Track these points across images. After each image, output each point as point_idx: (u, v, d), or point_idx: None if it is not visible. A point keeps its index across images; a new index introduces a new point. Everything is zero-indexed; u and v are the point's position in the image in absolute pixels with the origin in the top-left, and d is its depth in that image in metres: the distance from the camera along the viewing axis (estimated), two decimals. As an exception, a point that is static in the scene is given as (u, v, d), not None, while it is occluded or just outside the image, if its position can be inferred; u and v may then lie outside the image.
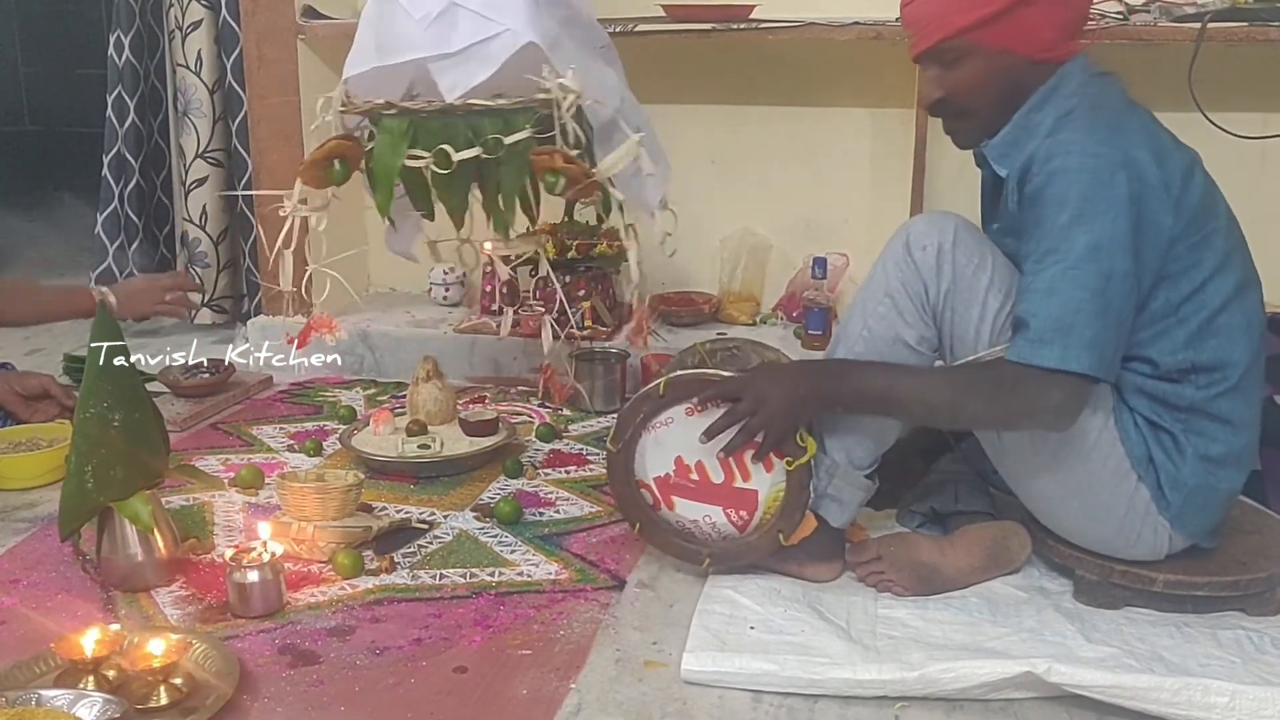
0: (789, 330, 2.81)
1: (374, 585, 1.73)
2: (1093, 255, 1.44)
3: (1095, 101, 1.54)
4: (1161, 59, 2.27)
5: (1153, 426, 1.57)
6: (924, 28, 1.58)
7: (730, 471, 1.68)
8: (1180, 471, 1.56)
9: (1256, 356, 1.57)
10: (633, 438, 1.71)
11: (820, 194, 2.90)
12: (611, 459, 1.74)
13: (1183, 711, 1.38)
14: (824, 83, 2.78)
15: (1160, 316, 1.52)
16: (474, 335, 2.74)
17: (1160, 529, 1.59)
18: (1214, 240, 1.52)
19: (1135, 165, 1.46)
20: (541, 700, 1.44)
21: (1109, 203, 1.44)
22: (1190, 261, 1.50)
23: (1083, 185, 1.45)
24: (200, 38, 3.01)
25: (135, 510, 1.68)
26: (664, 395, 1.68)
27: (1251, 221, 1.62)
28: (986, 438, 1.66)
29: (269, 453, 2.29)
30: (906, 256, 1.61)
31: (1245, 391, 1.57)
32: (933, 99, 1.62)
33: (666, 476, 1.71)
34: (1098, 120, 1.51)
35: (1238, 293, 1.54)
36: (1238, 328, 1.54)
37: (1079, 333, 1.43)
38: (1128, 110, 1.55)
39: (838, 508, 1.70)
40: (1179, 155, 1.53)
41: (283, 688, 1.47)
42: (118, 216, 3.15)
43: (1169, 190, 1.47)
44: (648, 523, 1.74)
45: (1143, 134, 1.51)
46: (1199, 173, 1.54)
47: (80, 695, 1.34)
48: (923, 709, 1.44)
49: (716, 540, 1.72)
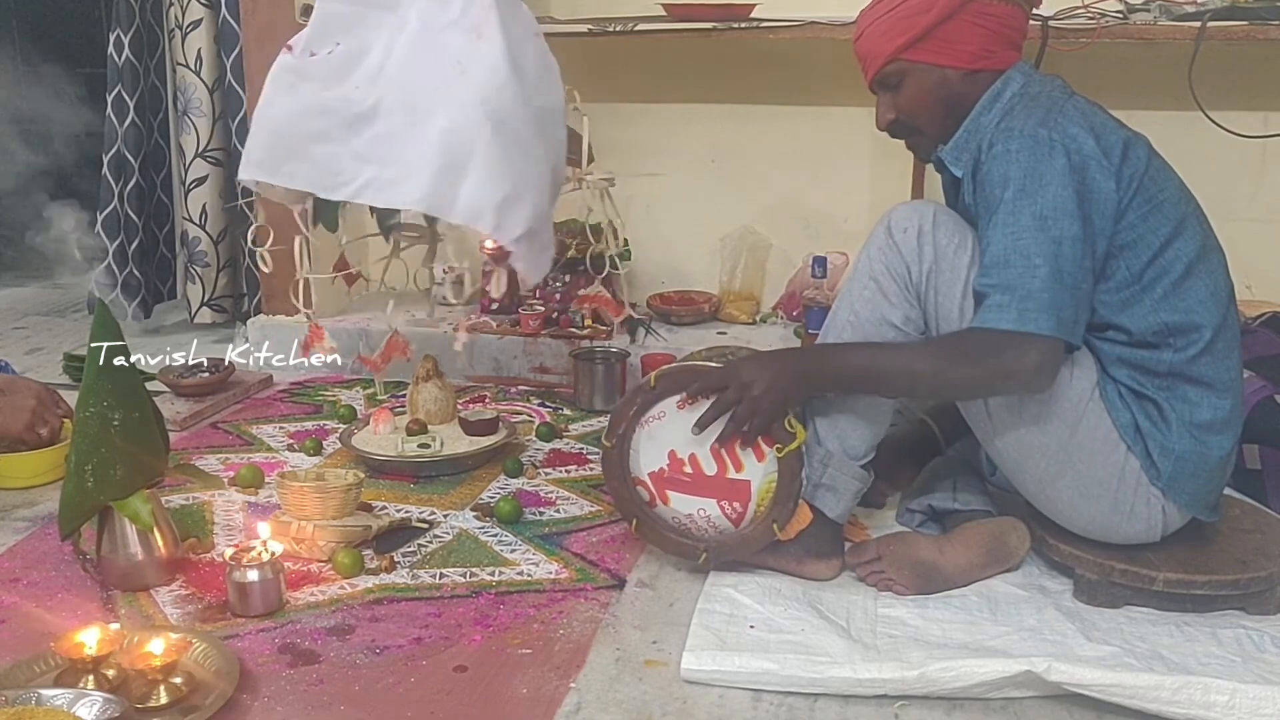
0: (789, 329, 2.81)
1: (374, 584, 1.73)
2: (1040, 224, 1.51)
3: (1033, 93, 1.64)
4: (1161, 58, 2.27)
5: (1136, 395, 1.60)
6: (867, 59, 1.72)
7: (723, 463, 1.69)
8: (1167, 439, 1.59)
9: (1225, 318, 1.61)
10: (626, 433, 1.72)
11: (820, 193, 2.90)
12: (606, 455, 1.75)
13: (1183, 710, 1.38)
14: (824, 82, 2.78)
15: (1125, 285, 1.58)
16: (474, 334, 2.74)
17: (1153, 500, 1.60)
18: (1165, 208, 1.58)
19: (1072, 140, 1.54)
20: (541, 699, 1.44)
21: (1050, 174, 1.52)
22: (1144, 230, 1.57)
23: (1024, 162, 1.54)
24: (200, 36, 3.01)
25: (135, 509, 1.68)
26: (655, 388, 1.69)
27: (1252, 220, 1.63)
28: (977, 421, 1.67)
29: (269, 452, 2.29)
30: (888, 239, 1.65)
31: (1221, 354, 1.60)
32: (886, 120, 1.75)
33: (661, 471, 1.72)
34: (1035, 107, 1.60)
35: (1200, 258, 1.59)
36: (1204, 289, 1.59)
37: (1035, 297, 1.49)
38: (1066, 98, 1.62)
39: (833, 498, 1.71)
40: (1117, 131, 1.60)
41: (282, 687, 1.47)
42: (117, 215, 3.15)
43: (1109, 159, 1.55)
44: (644, 519, 1.75)
45: (1078, 114, 1.58)
46: (1140, 147, 1.60)
47: (80, 694, 1.34)
48: (923, 708, 1.44)
49: (712, 534, 1.72)
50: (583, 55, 2.12)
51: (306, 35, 1.95)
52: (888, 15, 1.67)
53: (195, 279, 3.16)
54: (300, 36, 1.96)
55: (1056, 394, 1.57)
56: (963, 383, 1.60)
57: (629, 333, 2.71)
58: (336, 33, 1.93)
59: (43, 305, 3.64)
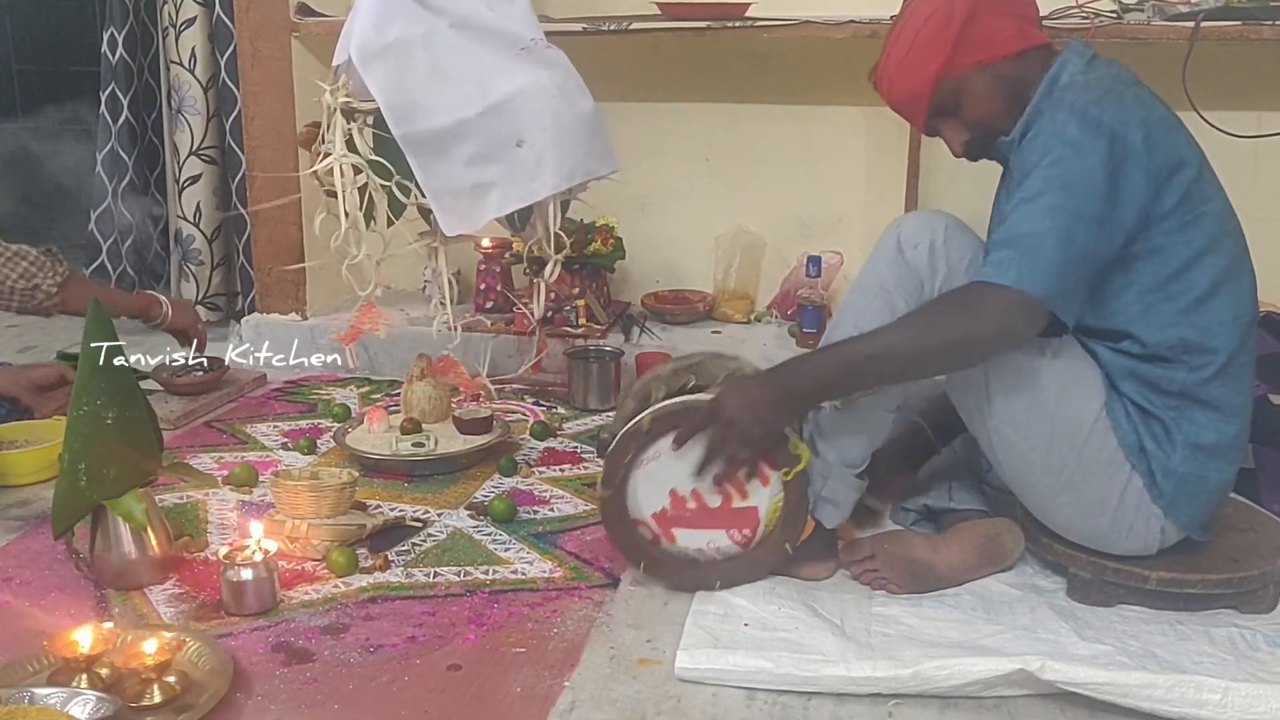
0: (783, 329, 2.81)
1: (368, 583, 1.73)
2: (1065, 192, 1.48)
3: (1094, 78, 1.57)
4: (1155, 57, 2.27)
5: (1143, 414, 1.58)
6: (911, 103, 1.65)
7: (727, 494, 1.66)
8: (1171, 459, 1.57)
9: (1243, 345, 1.59)
10: (623, 480, 1.67)
11: (815, 192, 2.90)
12: (605, 504, 1.69)
13: (1175, 709, 1.38)
14: (819, 81, 2.78)
15: (1148, 290, 1.55)
16: (468, 333, 2.73)
17: (1153, 519, 1.60)
18: (1204, 222, 1.54)
19: (1121, 126, 1.49)
20: (535, 698, 1.44)
21: (1089, 153, 1.48)
22: (1178, 239, 1.53)
23: (1067, 136, 1.50)
24: (194, 35, 3.00)
25: (129, 508, 1.68)
26: (649, 430, 1.64)
27: (1245, 219, 1.63)
28: (980, 434, 1.66)
29: (263, 450, 2.29)
30: (898, 255, 1.62)
31: (1234, 379, 1.58)
32: (962, 144, 1.67)
33: (664, 511, 1.68)
34: (1092, 87, 1.55)
35: (1227, 279, 1.56)
36: (1226, 312, 1.56)
37: (1041, 259, 1.46)
38: (1127, 86, 1.57)
39: (833, 509, 1.71)
40: (1173, 135, 1.55)
41: (276, 686, 1.46)
42: (111, 213, 3.14)
43: (1151, 159, 1.50)
44: (651, 560, 1.70)
45: (1137, 105, 1.54)
46: (1192, 155, 1.56)
47: (73, 693, 1.34)
48: (916, 706, 1.44)
49: (722, 563, 1.70)
50: (577, 54, 2.11)
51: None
52: (910, 53, 1.61)
53: (189, 277, 3.16)
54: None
55: (1064, 414, 1.56)
56: (950, 350, 1.53)
57: (623, 331, 2.71)
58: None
59: (36, 303, 3.62)
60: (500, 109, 1.94)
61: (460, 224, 1.98)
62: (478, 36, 2.00)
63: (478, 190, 1.97)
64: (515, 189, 1.97)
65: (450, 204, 1.96)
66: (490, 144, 1.95)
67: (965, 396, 1.64)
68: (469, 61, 1.97)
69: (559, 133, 1.96)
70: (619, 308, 2.93)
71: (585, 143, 2.00)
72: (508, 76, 1.96)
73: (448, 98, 1.94)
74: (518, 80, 1.96)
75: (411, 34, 1.94)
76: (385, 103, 1.90)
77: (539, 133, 1.95)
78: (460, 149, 1.94)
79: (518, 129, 1.95)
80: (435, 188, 1.94)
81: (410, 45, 1.94)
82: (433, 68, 1.95)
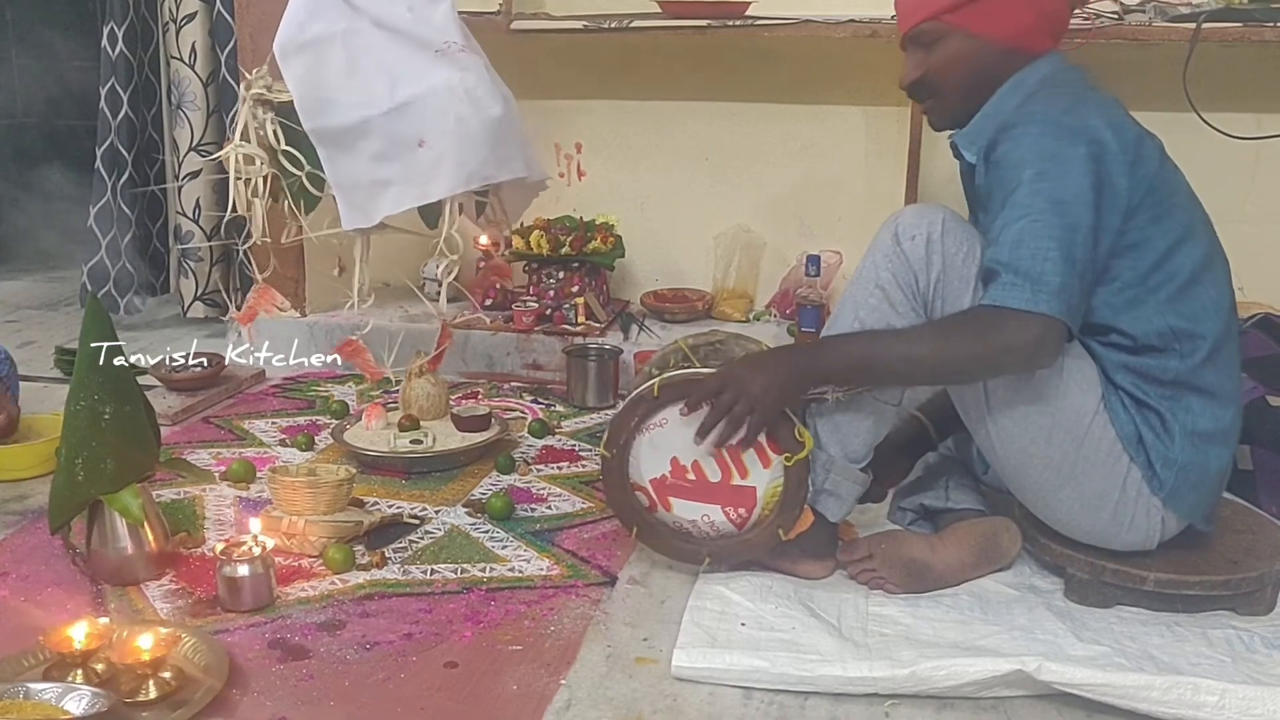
0: (783, 327, 2.81)
1: (365, 580, 1.73)
2: (1057, 209, 1.49)
3: (1057, 81, 1.62)
4: (1156, 59, 2.27)
5: (1139, 405, 1.59)
6: (907, 11, 1.68)
7: (727, 469, 1.68)
8: (1170, 449, 1.58)
9: (1228, 330, 1.61)
10: (627, 442, 1.70)
11: (814, 192, 2.90)
12: (606, 464, 1.72)
13: (1172, 710, 1.38)
14: (819, 80, 2.78)
15: (1130, 285, 1.56)
16: (467, 331, 2.74)
17: (1154, 510, 1.60)
18: (1175, 213, 1.57)
19: (1093, 130, 1.52)
20: (532, 696, 1.44)
21: (1070, 162, 1.50)
22: (1153, 231, 1.55)
23: (1045, 146, 1.52)
24: (194, 30, 3.00)
25: (125, 503, 1.68)
26: (658, 397, 1.66)
27: (1244, 221, 1.63)
28: (978, 429, 1.66)
29: (261, 447, 2.29)
30: (895, 247, 1.63)
31: (1224, 363, 1.60)
32: (911, 79, 1.70)
33: (663, 478, 1.70)
34: (1058, 95, 1.58)
35: (1205, 266, 1.58)
36: (1209, 298, 1.58)
37: (1047, 279, 1.48)
38: (1088, 90, 1.61)
39: (835, 502, 1.70)
40: (1133, 129, 1.58)
41: (272, 682, 1.46)
42: (110, 209, 3.14)
43: (1125, 154, 1.53)
44: (644, 525, 1.73)
45: (1099, 108, 1.57)
46: (1153, 149, 1.59)
47: (69, 688, 1.34)
48: (913, 706, 1.44)
49: (715, 539, 1.71)
50: (577, 52, 2.11)
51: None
52: None
53: (188, 273, 3.15)
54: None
55: (1064, 407, 1.56)
56: (964, 362, 1.56)
57: (622, 329, 2.71)
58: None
59: (35, 299, 3.63)
60: (405, 109, 1.97)
61: (359, 218, 2.02)
62: (395, 37, 2.03)
63: (376, 186, 2.00)
64: (411, 188, 2.00)
65: (351, 198, 2.01)
66: (392, 142, 1.98)
67: (964, 392, 1.64)
68: (382, 60, 2.00)
69: (461, 136, 1.98)
70: (618, 306, 2.94)
71: (489, 147, 2.01)
72: (418, 77, 1.99)
73: (357, 95, 1.97)
74: (427, 82, 1.99)
75: (332, 30, 1.99)
76: (298, 96, 1.95)
77: (440, 135, 1.97)
78: (364, 145, 1.98)
79: (420, 129, 1.98)
80: (339, 182, 1.99)
81: (329, 42, 1.98)
82: (348, 65, 1.99)
